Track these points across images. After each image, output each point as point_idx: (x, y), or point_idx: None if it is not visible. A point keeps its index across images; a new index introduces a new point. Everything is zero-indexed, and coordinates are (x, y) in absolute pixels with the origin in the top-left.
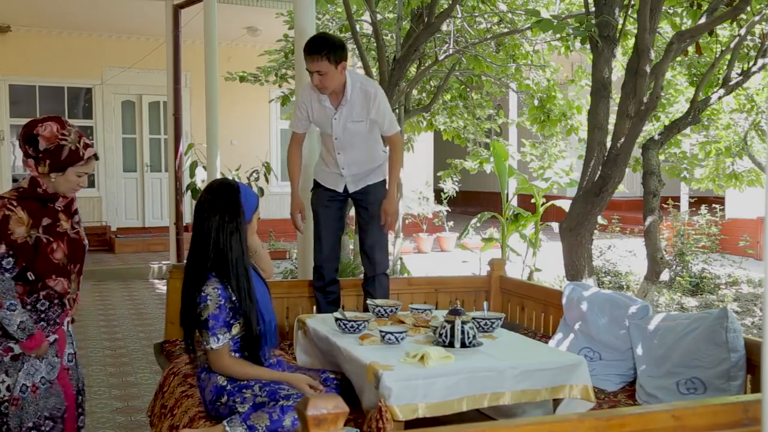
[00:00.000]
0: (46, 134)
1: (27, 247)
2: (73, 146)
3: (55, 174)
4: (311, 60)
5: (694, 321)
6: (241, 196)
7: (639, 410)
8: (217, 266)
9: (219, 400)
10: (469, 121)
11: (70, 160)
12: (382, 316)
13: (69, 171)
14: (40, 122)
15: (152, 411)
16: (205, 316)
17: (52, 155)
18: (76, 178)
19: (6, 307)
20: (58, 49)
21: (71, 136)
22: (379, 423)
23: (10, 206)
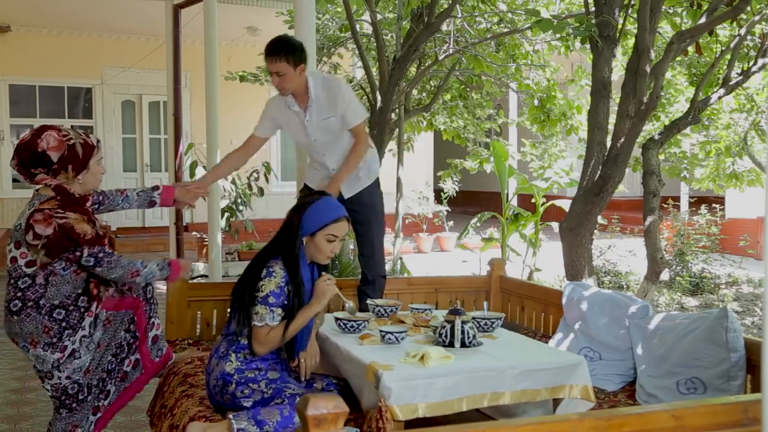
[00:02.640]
0: (53, 145)
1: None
2: (80, 140)
3: (82, 174)
4: (270, 61)
5: (694, 321)
6: (304, 212)
7: (639, 410)
8: (286, 254)
9: (225, 388)
10: (469, 121)
11: (87, 155)
12: (382, 316)
13: (91, 163)
14: (36, 138)
15: (152, 410)
16: (267, 292)
17: (71, 160)
18: (98, 167)
19: (142, 273)
20: (58, 49)
21: (72, 133)
22: (379, 423)
23: (58, 214)
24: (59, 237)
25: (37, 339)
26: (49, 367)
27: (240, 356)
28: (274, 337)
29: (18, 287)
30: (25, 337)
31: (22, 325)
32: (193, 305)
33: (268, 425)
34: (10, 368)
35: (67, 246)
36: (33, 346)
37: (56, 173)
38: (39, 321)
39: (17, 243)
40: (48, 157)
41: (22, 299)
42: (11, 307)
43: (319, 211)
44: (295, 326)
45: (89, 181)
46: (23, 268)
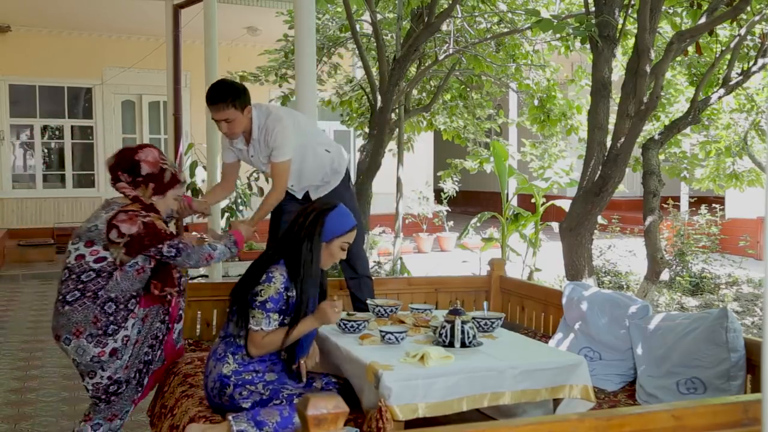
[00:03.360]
0: (149, 160)
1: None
2: (173, 170)
3: (157, 197)
4: (216, 110)
5: (694, 321)
6: (326, 217)
7: (639, 410)
8: (290, 259)
9: (222, 390)
10: (469, 121)
11: (171, 184)
12: (382, 316)
13: (169, 194)
14: (138, 149)
15: (152, 411)
16: (265, 297)
17: (156, 179)
18: (173, 201)
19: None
20: (58, 49)
21: (170, 162)
22: (379, 423)
23: (141, 214)
24: (143, 235)
25: (83, 329)
26: (88, 360)
27: (237, 358)
28: (269, 341)
29: (80, 280)
30: (70, 328)
31: (72, 314)
32: (193, 305)
33: (268, 426)
34: (10, 368)
35: (148, 244)
36: (76, 336)
37: (137, 185)
38: (91, 311)
39: (89, 242)
40: (139, 168)
41: (82, 290)
42: (68, 297)
43: (337, 219)
44: (292, 336)
45: (160, 206)
46: (91, 263)
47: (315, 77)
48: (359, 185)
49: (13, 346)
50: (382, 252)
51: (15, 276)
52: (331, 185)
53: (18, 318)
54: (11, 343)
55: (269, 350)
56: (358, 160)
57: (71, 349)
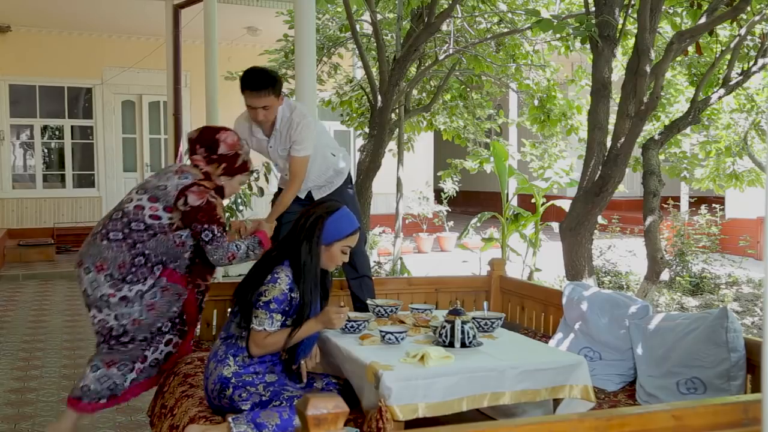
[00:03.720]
0: (229, 141)
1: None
2: (246, 157)
3: (225, 178)
4: (257, 96)
5: (694, 321)
6: (327, 220)
7: (639, 410)
8: (294, 260)
9: (222, 392)
10: (469, 121)
11: (241, 169)
12: (382, 316)
13: (236, 178)
14: (221, 129)
15: (152, 411)
16: (269, 297)
17: (229, 161)
18: (237, 185)
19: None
20: (58, 49)
21: (244, 148)
22: (379, 423)
23: (213, 196)
24: (203, 210)
25: (107, 267)
26: (98, 296)
27: (238, 360)
28: (271, 342)
29: (128, 226)
30: (96, 260)
31: (105, 250)
32: None
33: (267, 428)
34: (10, 368)
35: (200, 219)
36: (98, 270)
37: (210, 162)
38: (122, 256)
39: (153, 198)
40: (217, 146)
41: (126, 235)
42: (110, 235)
43: (338, 222)
44: (295, 338)
45: (226, 187)
46: (146, 217)
47: (315, 77)
48: (359, 185)
49: (13, 346)
50: (382, 252)
51: (15, 276)
52: (334, 185)
53: (18, 318)
54: (11, 343)
55: (270, 351)
56: (358, 160)
57: (87, 280)
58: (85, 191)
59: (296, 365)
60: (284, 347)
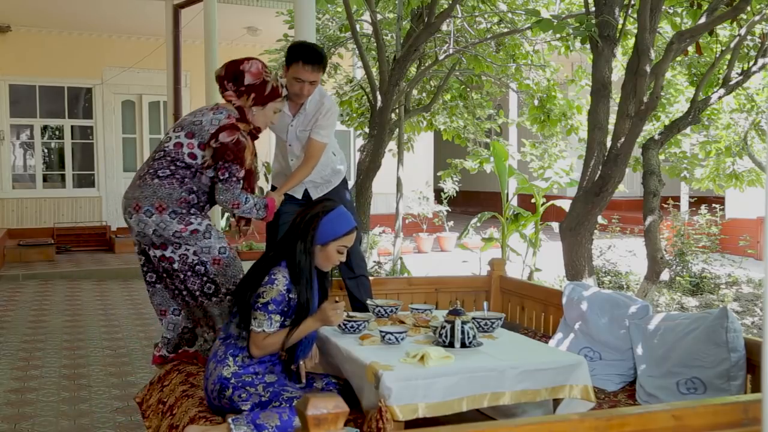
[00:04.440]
0: (253, 70)
1: (251, 173)
2: (274, 83)
3: (257, 108)
4: (311, 70)
5: (694, 321)
6: (322, 220)
7: (639, 410)
8: (290, 260)
9: (222, 392)
10: (469, 121)
11: (271, 96)
12: (382, 316)
13: (269, 106)
14: (245, 60)
15: (144, 399)
16: (267, 299)
17: (257, 90)
18: (272, 114)
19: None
20: (58, 49)
21: (272, 75)
22: (379, 423)
23: (244, 136)
24: (230, 148)
25: (166, 205)
26: (170, 235)
27: (238, 360)
28: (271, 342)
29: (173, 163)
30: (154, 201)
31: (158, 189)
32: None
33: (267, 429)
34: (10, 368)
35: (227, 158)
36: (159, 212)
37: (240, 95)
38: (177, 192)
39: (190, 134)
40: (242, 77)
41: (173, 171)
42: (159, 172)
43: (334, 222)
44: (294, 337)
45: (259, 118)
46: (185, 156)
47: None
48: (359, 185)
49: (13, 346)
50: (382, 252)
51: (15, 276)
52: (332, 185)
53: (18, 318)
54: (11, 343)
55: (270, 351)
56: (358, 160)
57: (153, 222)
58: (85, 191)
59: (295, 365)
60: (283, 347)
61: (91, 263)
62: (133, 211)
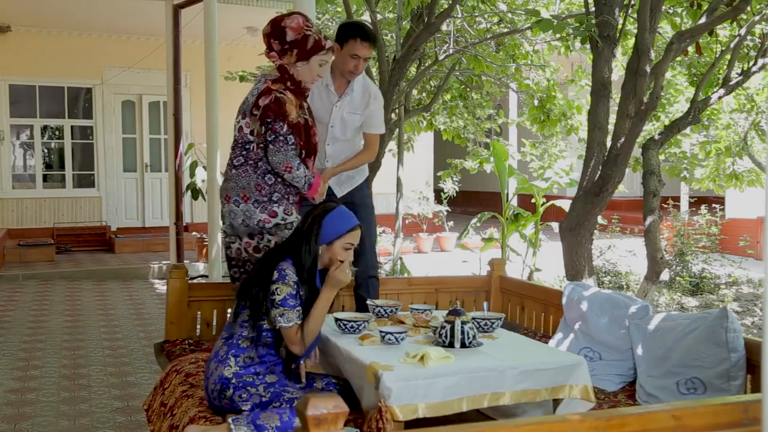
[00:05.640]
0: (293, 26)
1: (300, 128)
2: (316, 36)
3: (301, 63)
4: (367, 47)
5: (694, 321)
6: (324, 219)
7: (639, 410)
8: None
9: (223, 392)
10: (469, 121)
11: (314, 49)
12: (382, 317)
13: (313, 60)
14: (286, 17)
15: (150, 406)
16: (284, 295)
17: (299, 45)
18: (318, 68)
19: (294, 169)
20: (58, 49)
21: (314, 28)
22: (379, 423)
23: (281, 92)
24: (270, 107)
25: (249, 195)
26: (255, 224)
27: (239, 360)
28: (308, 332)
29: (244, 148)
30: (238, 191)
31: (238, 179)
32: (193, 305)
33: (268, 430)
34: (10, 368)
35: (269, 117)
36: (244, 201)
37: (283, 53)
38: (253, 179)
39: (243, 113)
40: (284, 34)
41: (245, 156)
42: (234, 162)
43: (336, 220)
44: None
45: (304, 73)
46: (248, 135)
47: None
48: None
49: (13, 346)
50: (382, 252)
51: (15, 276)
52: (356, 181)
53: (18, 318)
54: (11, 343)
55: (310, 340)
56: None
57: (241, 211)
58: (85, 191)
59: (296, 365)
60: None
61: (91, 263)
62: (224, 201)
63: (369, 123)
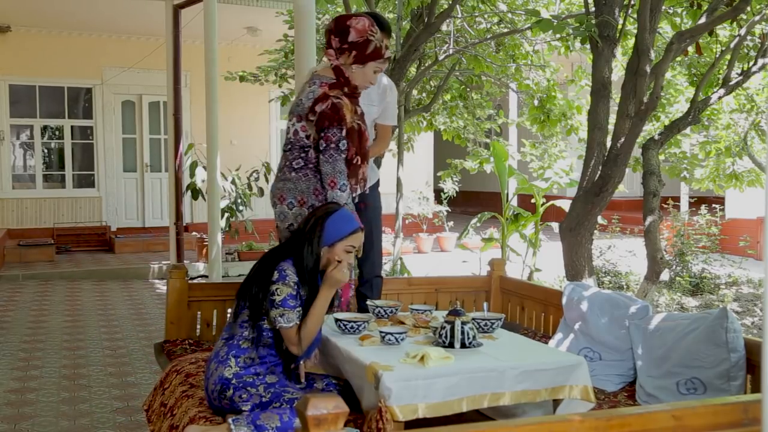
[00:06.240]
0: (358, 27)
1: (354, 133)
2: (378, 43)
3: (357, 66)
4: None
5: (694, 321)
6: (327, 221)
7: (639, 410)
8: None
9: (223, 393)
10: (469, 121)
11: (373, 56)
12: (382, 317)
13: (369, 65)
14: (353, 16)
15: (150, 406)
16: (284, 295)
17: (359, 47)
18: (371, 74)
19: (338, 188)
20: (58, 49)
21: (377, 35)
22: (379, 423)
23: (338, 97)
24: (326, 113)
25: (306, 199)
26: None
27: (240, 361)
28: (307, 332)
29: (303, 151)
30: (296, 194)
31: (298, 182)
32: (193, 305)
33: (268, 430)
34: (10, 368)
35: (323, 125)
36: (300, 205)
37: (341, 52)
38: (312, 184)
39: (299, 117)
40: (347, 33)
41: (305, 159)
42: (294, 164)
43: (338, 222)
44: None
45: (358, 77)
46: (304, 140)
47: None
48: None
49: (13, 346)
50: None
51: (15, 276)
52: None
53: (18, 318)
54: (11, 343)
55: (310, 340)
56: None
57: (292, 215)
58: (85, 191)
59: (296, 365)
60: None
61: (91, 263)
62: (277, 201)
63: (384, 115)
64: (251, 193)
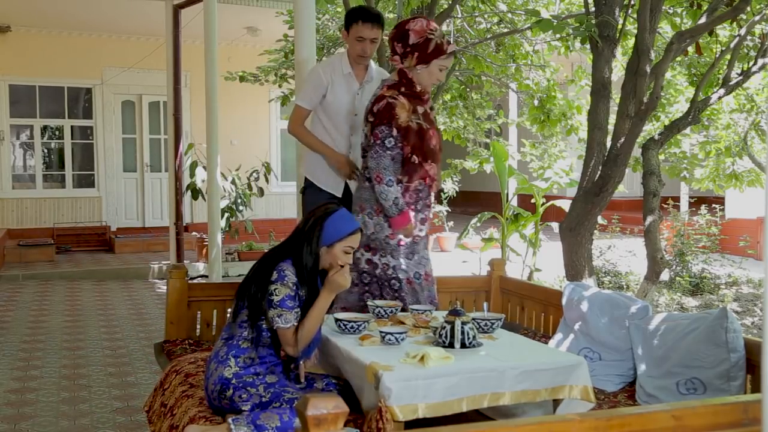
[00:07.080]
0: (416, 29)
1: (411, 131)
2: (438, 41)
3: (421, 66)
4: (372, 28)
5: (694, 321)
6: (326, 221)
7: (639, 410)
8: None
9: (223, 392)
10: (469, 121)
11: (435, 53)
12: (382, 317)
13: (433, 63)
14: (410, 20)
15: (150, 407)
16: (282, 296)
17: (420, 49)
18: (438, 72)
19: (385, 183)
20: (58, 49)
21: (437, 32)
22: (379, 423)
23: (393, 97)
24: (380, 113)
25: (378, 207)
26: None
27: (239, 361)
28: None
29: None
30: (373, 204)
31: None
32: (193, 305)
33: (268, 430)
34: (10, 368)
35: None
36: (377, 214)
37: (404, 56)
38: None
39: (365, 121)
40: (407, 36)
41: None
42: (366, 173)
43: (337, 223)
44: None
45: (423, 77)
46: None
47: None
48: None
49: (13, 346)
50: None
51: (15, 276)
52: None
53: (18, 318)
54: (11, 343)
55: (306, 342)
56: None
57: (372, 224)
58: (85, 191)
59: (295, 365)
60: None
61: (91, 263)
62: (358, 210)
63: None
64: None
